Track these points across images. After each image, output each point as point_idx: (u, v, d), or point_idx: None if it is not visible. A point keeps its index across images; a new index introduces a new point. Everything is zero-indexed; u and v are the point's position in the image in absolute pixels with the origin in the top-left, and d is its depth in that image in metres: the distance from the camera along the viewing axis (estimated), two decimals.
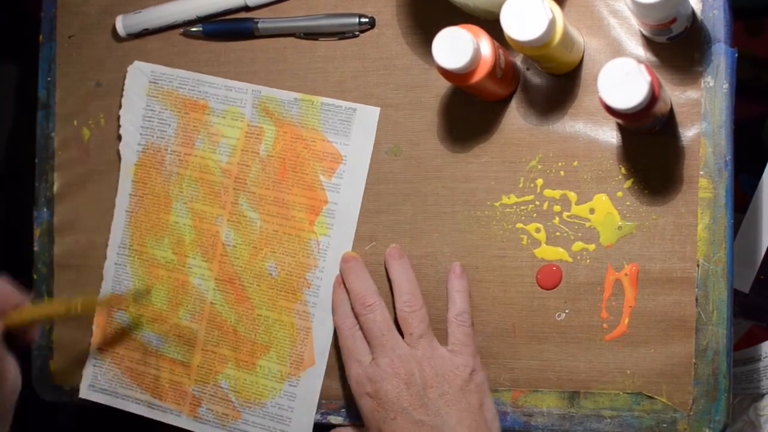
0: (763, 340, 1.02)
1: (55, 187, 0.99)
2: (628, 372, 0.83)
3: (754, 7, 1.25)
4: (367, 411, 0.84)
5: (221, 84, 0.94)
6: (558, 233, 0.85)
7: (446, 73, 0.80)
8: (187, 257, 0.95)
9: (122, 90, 0.97)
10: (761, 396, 1.02)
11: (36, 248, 1.00)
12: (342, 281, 0.90)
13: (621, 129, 0.83)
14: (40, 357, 1.00)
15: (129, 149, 0.96)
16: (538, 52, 0.77)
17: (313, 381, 0.91)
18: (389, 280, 0.89)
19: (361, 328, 0.87)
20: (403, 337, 0.86)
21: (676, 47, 0.81)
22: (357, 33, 0.91)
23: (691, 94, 0.81)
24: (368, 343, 0.86)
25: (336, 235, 0.90)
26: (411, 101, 0.89)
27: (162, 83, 0.96)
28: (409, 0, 0.89)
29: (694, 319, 0.81)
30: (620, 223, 0.83)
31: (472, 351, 0.84)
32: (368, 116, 0.90)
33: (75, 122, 0.99)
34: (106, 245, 0.98)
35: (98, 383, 0.97)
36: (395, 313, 0.86)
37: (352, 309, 0.88)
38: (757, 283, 1.01)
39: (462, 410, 0.81)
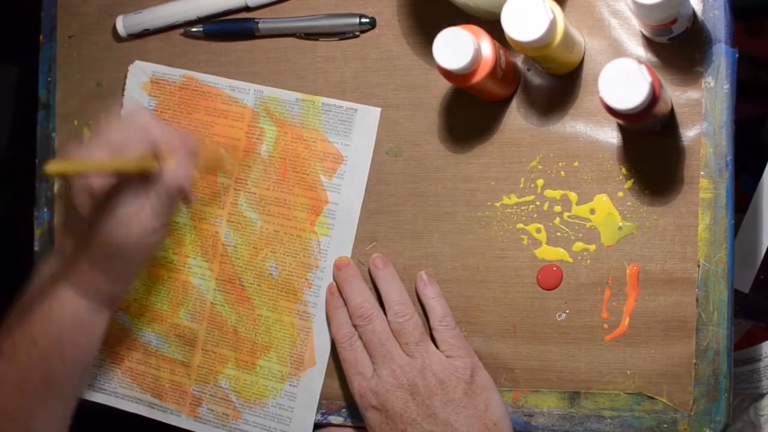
0: (763, 340, 1.02)
1: (56, 188, 0.99)
2: (629, 372, 0.83)
3: (754, 8, 1.25)
4: (375, 423, 0.84)
5: (224, 84, 0.94)
6: (558, 233, 0.85)
7: (447, 73, 0.80)
8: (188, 257, 0.95)
9: (123, 90, 0.97)
10: (761, 396, 1.02)
11: (36, 248, 1.00)
12: (336, 289, 0.90)
13: (622, 129, 0.83)
14: None
15: None
16: (539, 52, 0.77)
17: (313, 381, 0.91)
18: (377, 289, 0.89)
19: (360, 338, 0.87)
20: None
21: (677, 48, 0.81)
22: (357, 33, 0.91)
23: (692, 94, 0.81)
24: (368, 353, 0.86)
25: (337, 235, 0.90)
26: (412, 102, 0.89)
27: (163, 83, 0.96)
28: (410, 0, 0.89)
29: (694, 320, 0.81)
30: (621, 224, 0.83)
31: (467, 351, 0.84)
32: (369, 117, 0.90)
33: (75, 122, 0.99)
34: None
35: (98, 383, 0.97)
36: (388, 324, 0.86)
37: (350, 319, 0.88)
38: (757, 283, 1.01)
39: (470, 416, 0.81)
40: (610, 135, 0.83)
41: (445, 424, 0.81)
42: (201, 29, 0.95)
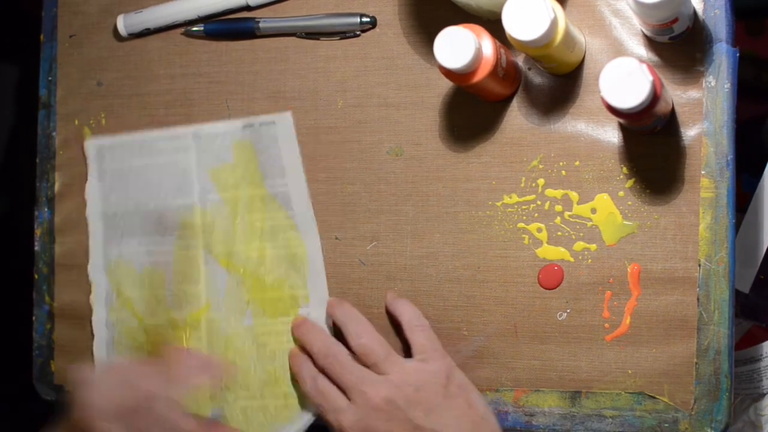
0: (763, 340, 1.02)
1: (56, 187, 0.99)
2: (630, 372, 0.83)
3: (755, 7, 1.25)
4: None
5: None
6: (559, 233, 0.85)
7: (448, 72, 0.80)
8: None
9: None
10: (761, 396, 1.02)
11: (37, 248, 1.00)
12: (297, 351, 0.89)
13: (623, 129, 0.83)
14: (41, 357, 1.00)
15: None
16: (540, 51, 0.77)
17: None
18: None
19: (329, 377, 0.85)
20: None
21: (678, 47, 0.81)
22: (358, 32, 0.91)
23: (693, 93, 0.81)
24: (340, 388, 0.84)
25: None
26: (412, 101, 0.89)
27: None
28: (411, 0, 0.89)
29: (695, 319, 0.81)
30: (622, 223, 0.83)
31: (441, 353, 0.83)
32: (286, 127, 0.91)
33: (76, 122, 0.99)
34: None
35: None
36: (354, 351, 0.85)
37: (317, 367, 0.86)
38: (757, 283, 1.01)
39: (455, 417, 0.80)
40: (611, 134, 0.83)
41: None
42: (202, 28, 0.95)
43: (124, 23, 0.96)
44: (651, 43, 0.82)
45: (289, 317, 0.91)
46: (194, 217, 0.93)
